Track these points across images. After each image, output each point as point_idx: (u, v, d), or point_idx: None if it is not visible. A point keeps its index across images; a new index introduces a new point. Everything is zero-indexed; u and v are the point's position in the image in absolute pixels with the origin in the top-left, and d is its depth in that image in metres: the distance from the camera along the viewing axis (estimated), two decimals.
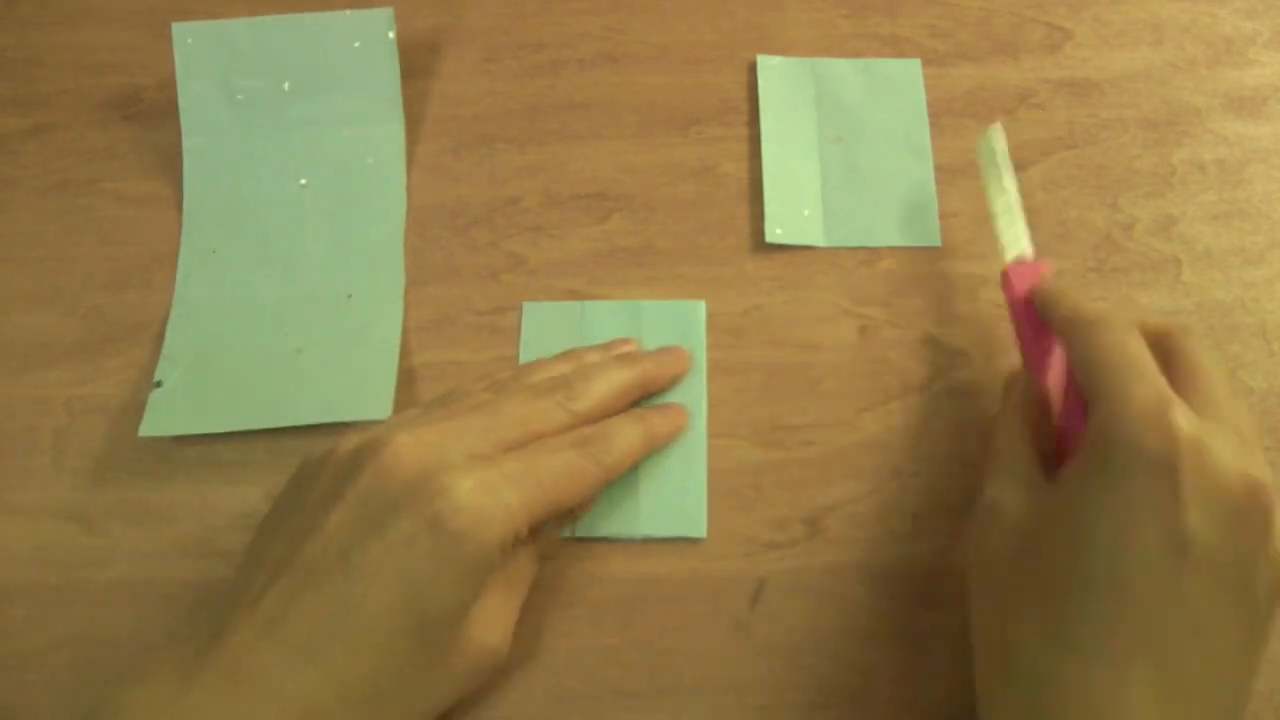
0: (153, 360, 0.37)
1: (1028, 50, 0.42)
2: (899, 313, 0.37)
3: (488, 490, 0.28)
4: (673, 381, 0.36)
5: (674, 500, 0.34)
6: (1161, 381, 0.27)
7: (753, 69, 0.42)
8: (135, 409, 0.36)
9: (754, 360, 0.37)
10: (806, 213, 0.39)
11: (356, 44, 0.40)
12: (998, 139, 0.36)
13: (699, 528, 0.34)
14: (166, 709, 0.25)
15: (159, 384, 0.36)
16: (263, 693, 0.26)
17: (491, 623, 0.29)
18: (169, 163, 0.40)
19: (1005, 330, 0.37)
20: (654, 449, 0.34)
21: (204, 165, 0.40)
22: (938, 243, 0.39)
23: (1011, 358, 0.36)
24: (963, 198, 0.39)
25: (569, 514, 0.33)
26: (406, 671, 0.27)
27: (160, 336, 0.37)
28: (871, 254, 0.38)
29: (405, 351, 0.37)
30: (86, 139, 0.41)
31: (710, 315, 0.37)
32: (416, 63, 0.42)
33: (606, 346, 0.36)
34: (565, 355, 0.35)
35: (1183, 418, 0.26)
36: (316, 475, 0.29)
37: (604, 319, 0.37)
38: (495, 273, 0.38)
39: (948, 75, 0.42)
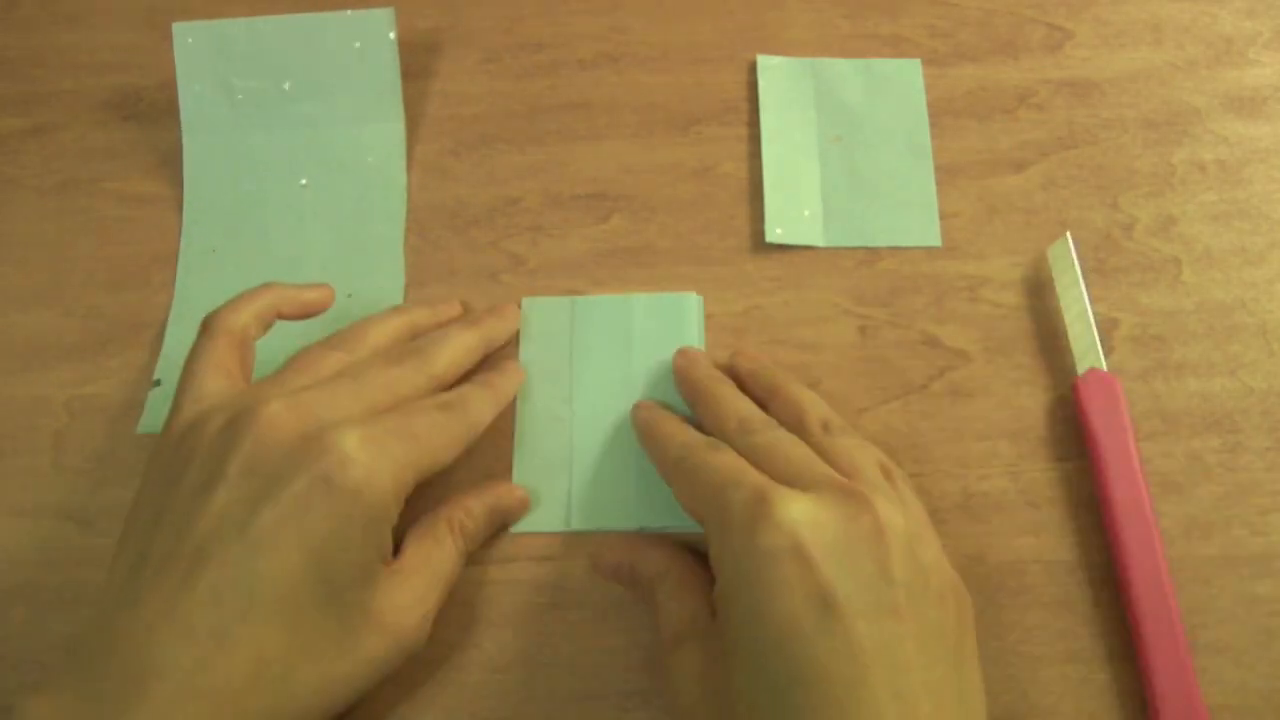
0: (152, 360, 0.37)
1: (1028, 50, 0.42)
2: (899, 313, 0.37)
3: (373, 443, 0.28)
4: (509, 337, 0.36)
5: (669, 493, 0.34)
6: (753, 476, 0.28)
7: (753, 69, 0.42)
8: (135, 409, 0.36)
9: None
10: (806, 213, 0.39)
11: (357, 44, 0.40)
12: (1070, 248, 0.36)
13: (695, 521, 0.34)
14: None
15: (158, 383, 0.36)
16: (173, 688, 0.25)
17: (406, 603, 0.29)
18: (169, 163, 0.40)
19: (1005, 330, 0.37)
20: (503, 406, 0.34)
21: (204, 165, 0.40)
22: (938, 243, 0.39)
23: (1011, 357, 0.36)
24: (963, 198, 0.39)
25: (503, 523, 0.34)
26: (319, 645, 0.27)
27: (160, 336, 0.37)
28: (871, 254, 0.38)
29: None
30: (86, 139, 0.41)
31: (710, 315, 0.37)
32: (416, 63, 0.42)
33: (435, 308, 0.36)
34: (396, 311, 0.35)
35: (780, 502, 0.26)
36: (187, 459, 0.28)
37: (596, 312, 0.37)
38: (495, 273, 0.38)
39: (948, 75, 0.42)
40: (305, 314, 0.34)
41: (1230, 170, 0.40)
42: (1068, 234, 0.37)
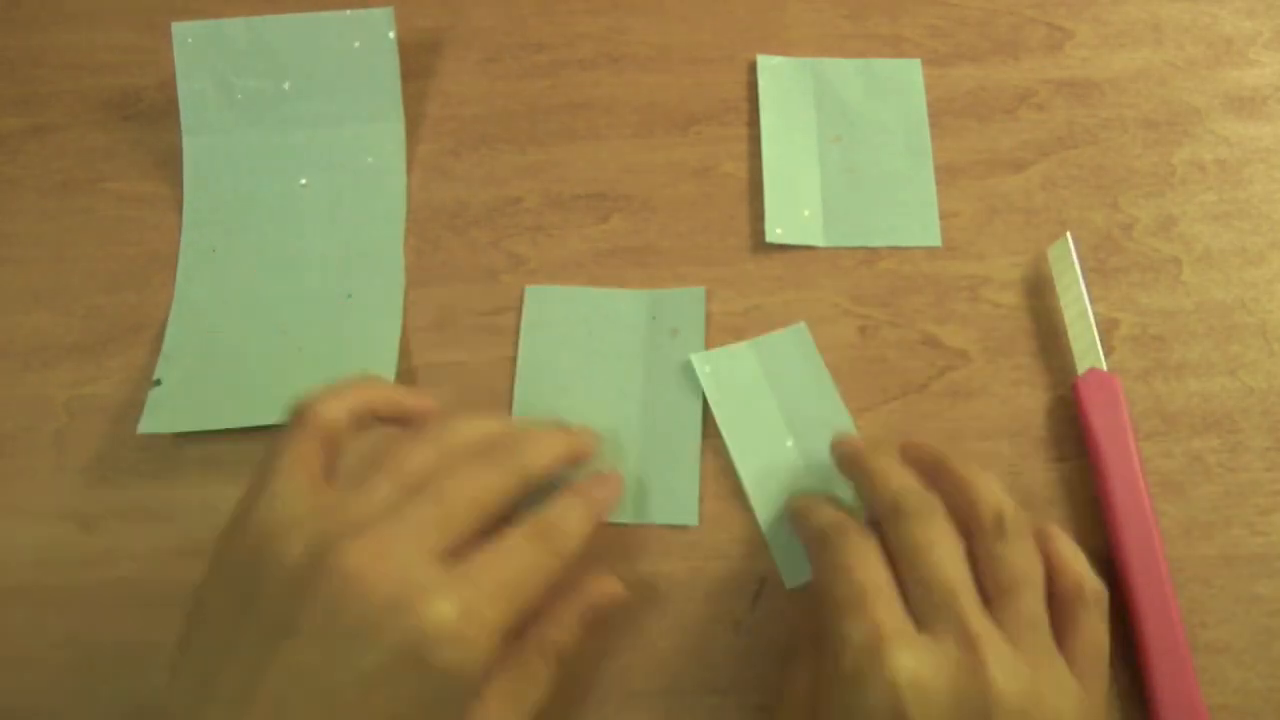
0: (152, 360, 0.37)
1: (1028, 50, 0.42)
2: (899, 313, 0.37)
3: (467, 614, 0.25)
4: (591, 460, 0.33)
5: (667, 487, 0.34)
6: (875, 614, 0.26)
7: (753, 69, 0.42)
8: (135, 409, 0.36)
9: None
10: (806, 213, 0.39)
11: (356, 44, 0.40)
12: (1070, 248, 0.36)
13: (691, 515, 0.34)
14: None
15: (158, 382, 0.36)
16: None
17: None
18: (169, 163, 0.40)
19: (1005, 330, 0.37)
20: (601, 522, 0.31)
21: (204, 165, 0.40)
22: (938, 243, 0.39)
23: (1011, 357, 0.36)
24: (963, 198, 0.39)
25: (597, 621, 0.31)
26: None
27: (160, 336, 0.37)
28: (871, 254, 0.38)
29: (405, 352, 0.37)
30: (86, 139, 0.41)
31: (710, 315, 0.37)
32: (417, 63, 0.42)
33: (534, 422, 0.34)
34: (498, 418, 0.33)
35: (891, 657, 0.25)
36: (260, 579, 0.26)
37: (609, 305, 0.37)
38: (495, 273, 0.38)
39: (948, 75, 0.42)
40: (401, 421, 0.31)
41: (1230, 170, 0.40)
42: (1068, 234, 0.37)
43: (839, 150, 0.40)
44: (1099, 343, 0.35)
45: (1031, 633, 0.27)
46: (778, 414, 0.35)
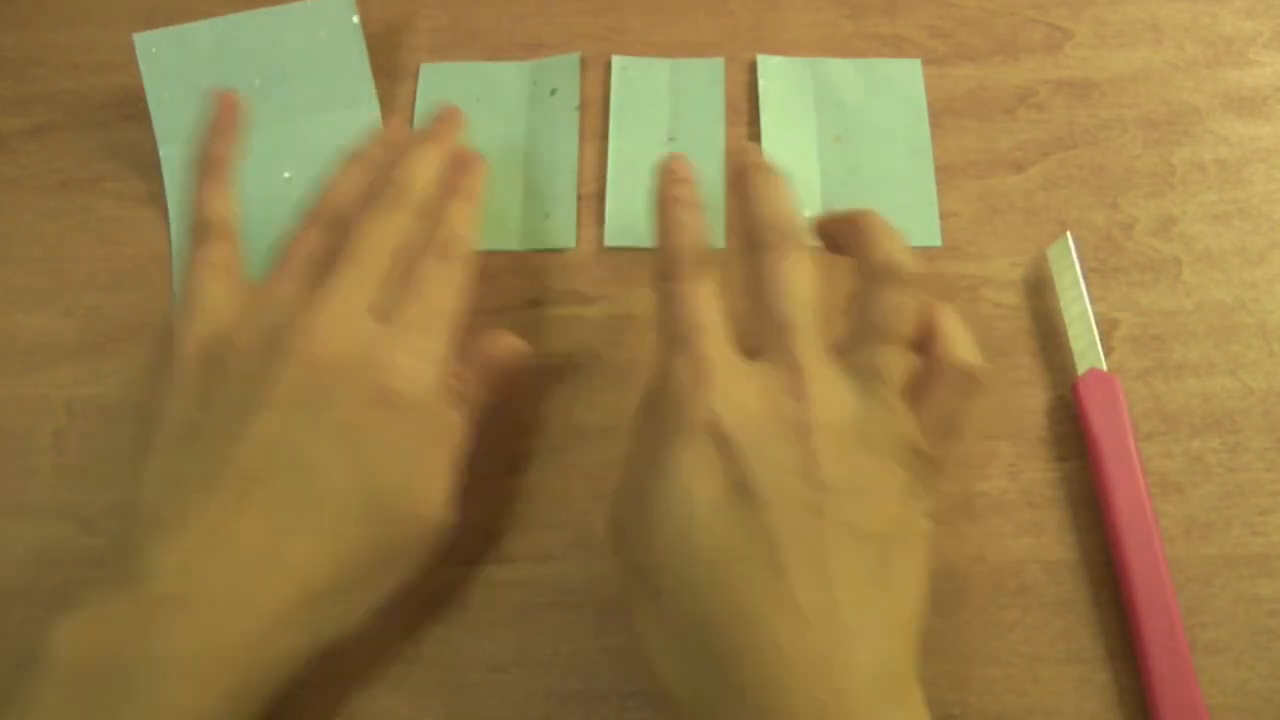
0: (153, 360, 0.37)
1: (1028, 50, 0.42)
2: None
3: (414, 351, 0.29)
4: (461, 134, 0.37)
5: (548, 216, 0.38)
6: (701, 344, 0.27)
7: (753, 69, 0.42)
8: (135, 409, 0.36)
9: None
10: (807, 213, 0.39)
11: (322, 33, 0.40)
12: (1070, 248, 0.36)
13: (570, 239, 0.38)
14: (120, 644, 0.24)
15: None
16: (220, 607, 0.25)
17: (432, 489, 0.29)
18: None
19: (1005, 330, 0.37)
20: (480, 204, 0.34)
21: (184, 173, 0.39)
22: (938, 243, 0.38)
23: (1012, 357, 0.36)
24: (963, 198, 0.39)
25: (502, 376, 0.32)
26: (367, 558, 0.27)
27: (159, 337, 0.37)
28: None
29: None
30: (86, 139, 0.41)
31: None
32: (417, 63, 0.42)
33: (381, 139, 0.36)
34: (352, 161, 0.35)
35: (711, 383, 0.26)
36: (218, 379, 0.28)
37: (496, 75, 0.42)
38: (495, 273, 0.38)
39: (948, 75, 0.42)
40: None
41: (1230, 170, 0.40)
42: (1068, 234, 0.37)
43: (839, 150, 0.40)
44: (1099, 343, 0.35)
45: (871, 378, 0.27)
46: (667, 122, 0.40)
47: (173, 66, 0.39)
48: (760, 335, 0.27)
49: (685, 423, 0.26)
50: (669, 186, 0.31)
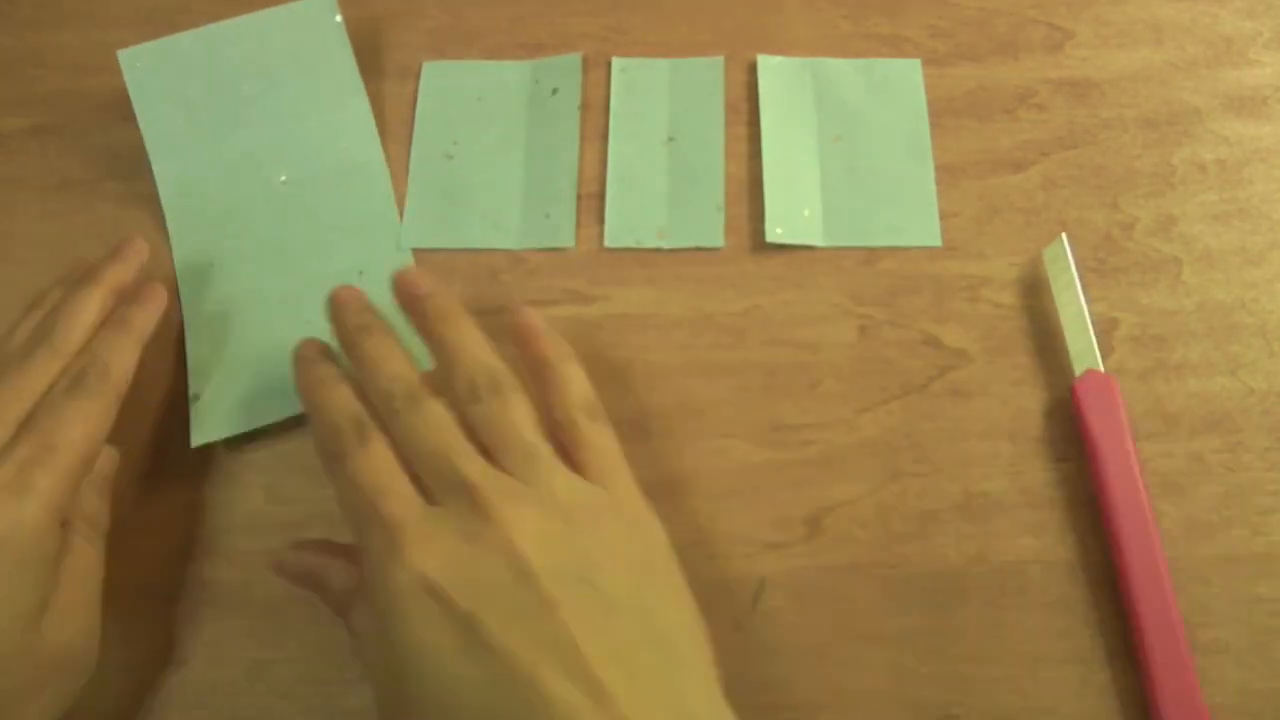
0: None
1: (1028, 50, 0.42)
2: (899, 313, 0.37)
3: (12, 489, 0.27)
4: (138, 270, 0.35)
5: (548, 216, 0.39)
6: (387, 509, 0.26)
7: (753, 69, 0.42)
8: None
9: (754, 360, 0.37)
10: (806, 212, 0.39)
11: (305, 34, 0.40)
12: (1066, 249, 0.36)
13: (569, 238, 0.38)
14: None
15: (196, 397, 0.36)
16: None
17: (62, 623, 0.28)
18: None
19: (1005, 330, 0.37)
20: (145, 340, 0.33)
21: (179, 185, 0.39)
22: (938, 243, 0.38)
23: (1011, 357, 0.36)
24: (963, 198, 0.39)
25: (111, 480, 0.32)
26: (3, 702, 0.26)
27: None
28: (871, 254, 0.38)
29: None
30: (86, 139, 0.41)
31: (710, 315, 0.37)
32: (417, 63, 0.42)
33: (62, 279, 0.35)
34: (34, 305, 0.34)
35: (406, 546, 0.25)
36: None
37: (497, 74, 0.41)
38: (495, 272, 0.38)
39: (948, 75, 0.42)
40: None
41: (1230, 170, 0.40)
42: (1063, 235, 0.37)
43: (839, 150, 0.40)
44: (1096, 344, 0.35)
45: (531, 464, 0.27)
46: (667, 122, 0.41)
47: (159, 80, 0.39)
48: (427, 481, 0.28)
49: (399, 590, 0.25)
50: (304, 372, 0.31)
